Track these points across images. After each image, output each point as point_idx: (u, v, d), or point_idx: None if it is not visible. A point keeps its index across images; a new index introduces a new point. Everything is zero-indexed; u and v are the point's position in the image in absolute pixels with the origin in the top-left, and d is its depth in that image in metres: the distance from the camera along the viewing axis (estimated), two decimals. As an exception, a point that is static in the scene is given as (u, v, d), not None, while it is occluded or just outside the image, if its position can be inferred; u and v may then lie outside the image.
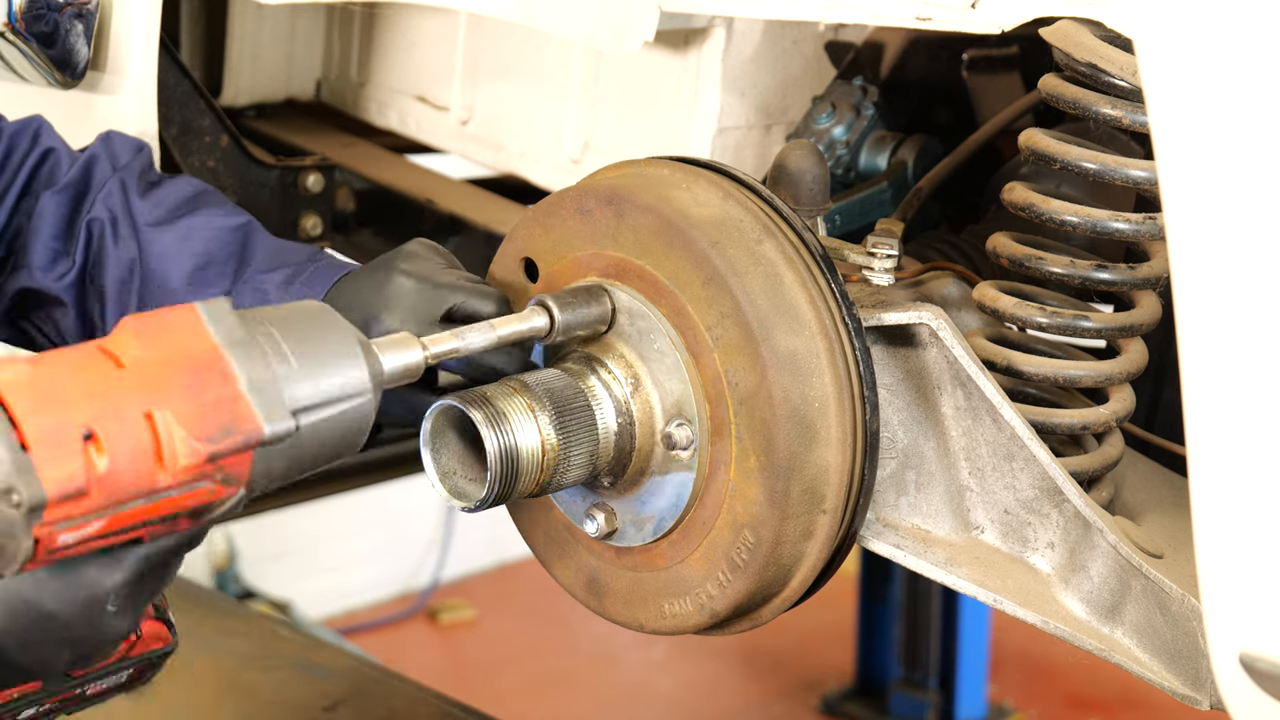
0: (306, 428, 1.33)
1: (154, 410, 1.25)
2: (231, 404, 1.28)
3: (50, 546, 1.22)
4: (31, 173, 1.91)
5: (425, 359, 1.47)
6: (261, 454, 1.31)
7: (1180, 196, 1.30)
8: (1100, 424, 1.74)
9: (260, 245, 1.85)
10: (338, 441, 1.37)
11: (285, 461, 1.33)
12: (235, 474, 1.29)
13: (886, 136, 2.18)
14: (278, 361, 1.33)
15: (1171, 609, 1.60)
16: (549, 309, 1.58)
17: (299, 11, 2.82)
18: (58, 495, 1.20)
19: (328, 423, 1.35)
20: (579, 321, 1.59)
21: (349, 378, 1.37)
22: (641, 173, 1.67)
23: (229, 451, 1.28)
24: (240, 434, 1.28)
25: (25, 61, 2.20)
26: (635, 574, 1.68)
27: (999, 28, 1.67)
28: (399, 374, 1.45)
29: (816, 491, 1.56)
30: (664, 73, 2.33)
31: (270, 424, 1.29)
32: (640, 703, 5.41)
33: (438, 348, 1.49)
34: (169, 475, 1.25)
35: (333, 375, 1.36)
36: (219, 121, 2.53)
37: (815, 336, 1.56)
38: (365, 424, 1.39)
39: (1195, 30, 1.27)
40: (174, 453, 1.25)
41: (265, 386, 1.30)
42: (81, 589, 1.31)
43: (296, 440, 1.33)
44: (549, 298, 1.58)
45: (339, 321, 1.40)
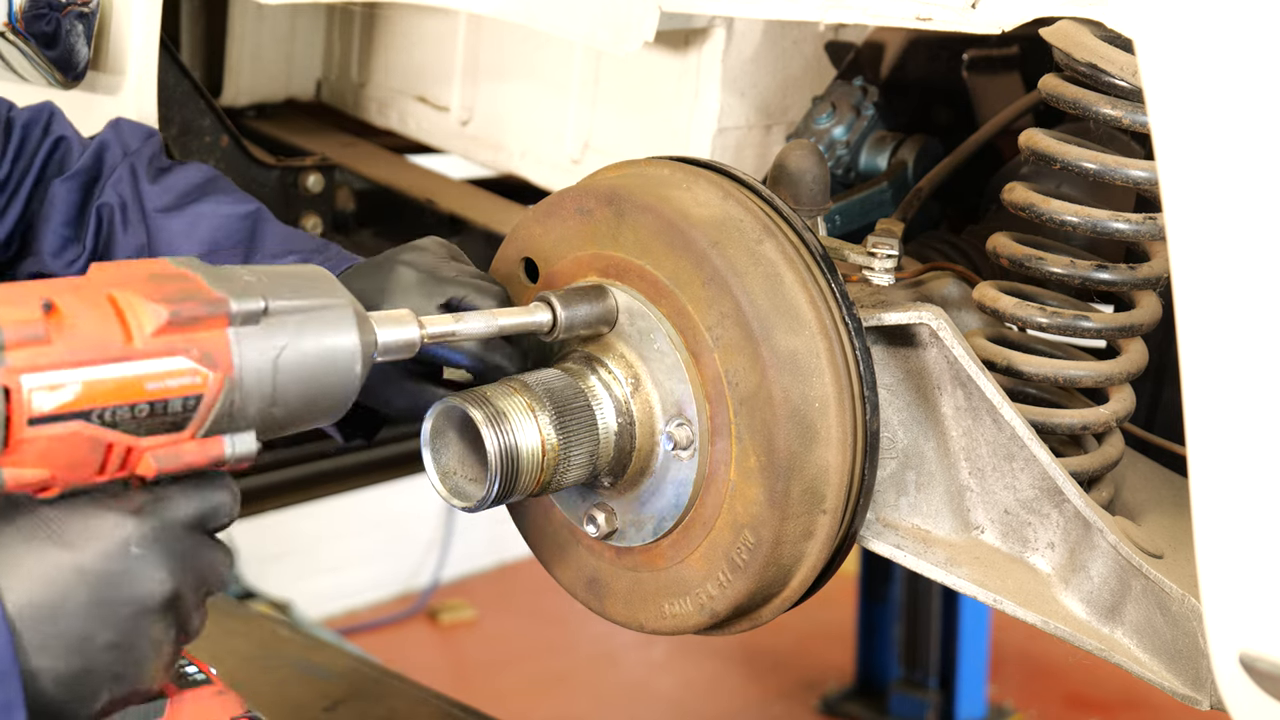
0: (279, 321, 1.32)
1: (114, 291, 1.27)
2: (194, 286, 1.30)
3: (27, 410, 1.20)
4: (44, 162, 1.92)
5: (422, 337, 1.47)
6: (237, 337, 1.29)
7: (1180, 196, 1.30)
8: (1100, 424, 1.74)
9: (269, 233, 1.86)
10: (322, 359, 1.34)
11: (269, 358, 1.31)
12: (213, 352, 1.28)
13: (886, 136, 2.18)
14: (246, 274, 1.34)
15: (1171, 609, 1.60)
16: (552, 305, 1.58)
17: (299, 11, 2.83)
18: (15, 336, 1.20)
19: (305, 326, 1.34)
20: (582, 319, 1.59)
21: (324, 295, 1.36)
22: (641, 173, 1.67)
23: (193, 315, 1.27)
24: (202, 300, 1.28)
25: (25, 61, 2.20)
26: (635, 574, 1.68)
27: (999, 28, 1.67)
28: (395, 346, 1.45)
29: (817, 491, 1.56)
30: (664, 73, 2.33)
31: (236, 299, 1.29)
32: (640, 703, 5.41)
33: (435, 328, 1.50)
34: (138, 340, 1.25)
35: (307, 291, 1.36)
36: (219, 121, 2.53)
37: (815, 336, 1.56)
38: (350, 350, 1.36)
39: (1195, 30, 1.27)
40: (137, 318, 1.25)
41: (229, 279, 1.32)
42: (104, 533, 1.28)
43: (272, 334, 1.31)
44: (553, 294, 1.58)
45: (331, 279, 1.40)
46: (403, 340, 1.45)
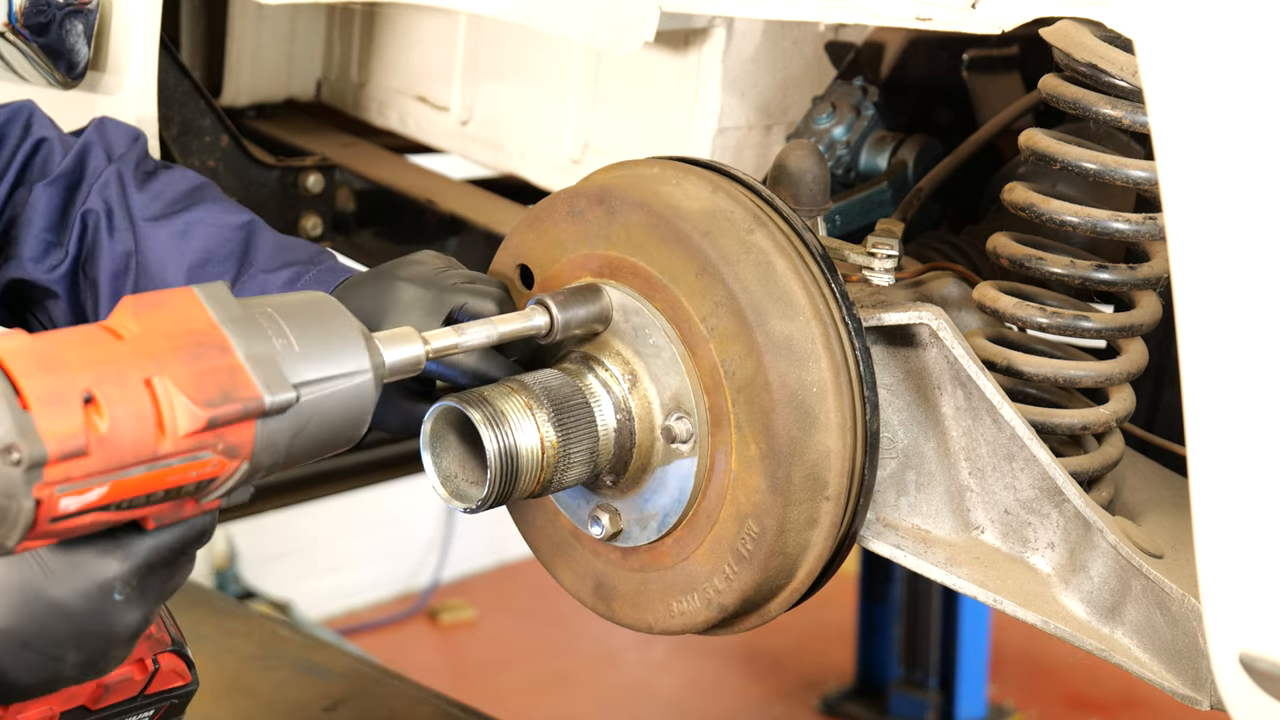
0: (307, 403, 1.33)
1: (153, 377, 1.26)
2: (230, 372, 1.29)
3: (53, 512, 1.21)
4: (24, 163, 1.89)
5: (426, 353, 1.48)
6: (263, 427, 1.31)
7: (1180, 196, 1.30)
8: (1100, 424, 1.74)
9: (263, 244, 1.83)
10: (339, 423, 1.37)
11: (287, 438, 1.33)
12: (237, 445, 1.29)
13: (886, 136, 2.18)
14: (277, 338, 1.33)
15: (1171, 609, 1.60)
16: (549, 307, 1.58)
17: (299, 11, 2.82)
18: (58, 453, 1.20)
19: (329, 400, 1.35)
20: (578, 319, 1.60)
21: (349, 358, 1.37)
22: (632, 172, 1.68)
23: (229, 418, 1.28)
24: (239, 401, 1.28)
25: (25, 61, 2.20)
26: (642, 574, 1.68)
27: (999, 28, 1.67)
28: (401, 366, 1.46)
29: (819, 477, 1.57)
30: (664, 73, 2.33)
31: (270, 393, 1.30)
32: (640, 703, 5.41)
33: (438, 342, 1.50)
34: (170, 442, 1.25)
35: (332, 355, 1.36)
36: (219, 121, 2.53)
37: (810, 322, 1.56)
38: (366, 409, 1.39)
39: (1195, 30, 1.27)
40: (174, 418, 1.26)
41: (264, 359, 1.31)
42: (89, 575, 1.30)
43: (298, 416, 1.33)
44: (548, 296, 1.59)
45: (340, 310, 1.40)
46: (408, 359, 1.46)
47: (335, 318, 1.39)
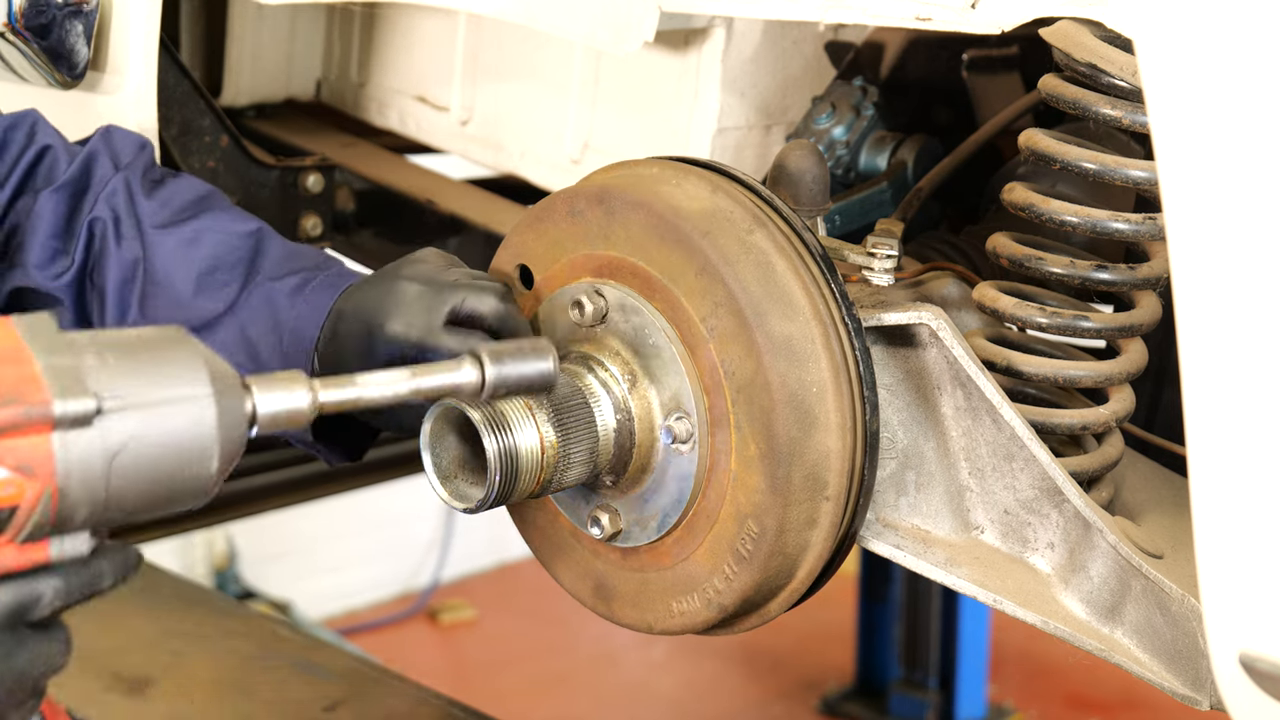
0: (118, 422, 1.19)
1: None
2: (21, 380, 1.17)
3: None
4: (28, 170, 1.88)
5: (315, 401, 1.27)
6: (63, 443, 1.17)
7: (1180, 196, 1.30)
8: (1100, 424, 1.74)
9: (271, 252, 1.83)
10: (170, 458, 1.21)
11: (101, 463, 1.18)
12: (32, 462, 1.16)
13: (886, 136, 2.18)
14: (91, 356, 1.20)
15: (1171, 609, 1.60)
16: (481, 362, 1.36)
17: (299, 11, 2.82)
18: None
19: (150, 425, 1.20)
20: (515, 378, 1.37)
21: (179, 382, 1.21)
22: (632, 172, 1.68)
23: (12, 423, 1.15)
24: (23, 403, 1.15)
25: (25, 61, 2.20)
26: (642, 575, 1.68)
27: (999, 28, 1.67)
28: (277, 417, 1.26)
29: (818, 477, 1.57)
30: (664, 73, 2.33)
31: (61, 398, 1.16)
32: (640, 703, 5.42)
33: (331, 394, 1.29)
34: None
35: (156, 375, 1.21)
36: (219, 121, 2.53)
37: (810, 322, 1.56)
38: (205, 444, 1.21)
39: (1195, 30, 1.27)
40: None
41: (64, 369, 1.17)
42: None
43: (107, 436, 1.18)
44: (485, 350, 1.37)
45: (186, 339, 1.25)
46: (287, 409, 1.26)
47: (176, 346, 1.24)
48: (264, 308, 1.76)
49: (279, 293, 1.76)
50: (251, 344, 1.75)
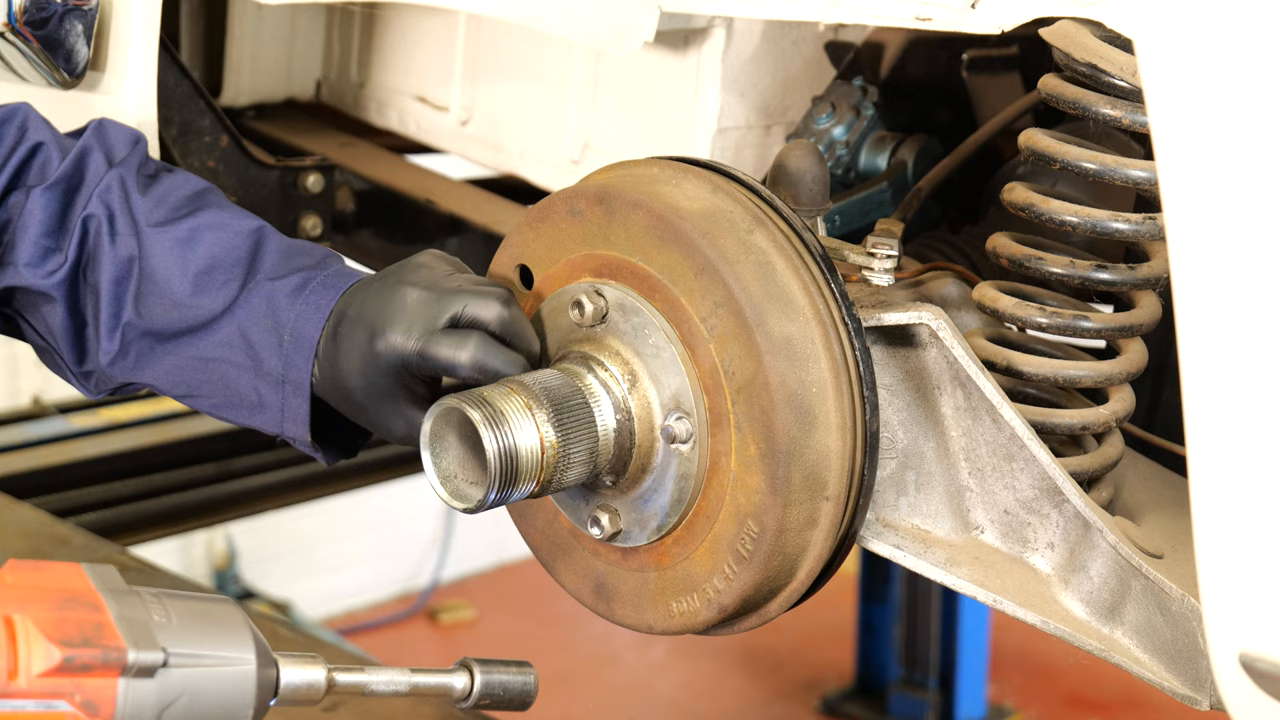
0: (177, 675, 1.31)
1: (15, 615, 1.26)
2: (97, 625, 1.29)
3: None
4: (19, 167, 1.85)
5: (329, 680, 1.45)
6: (127, 688, 1.28)
7: (1180, 196, 1.30)
8: (1100, 424, 1.74)
9: (270, 250, 1.81)
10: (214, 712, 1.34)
11: (154, 708, 1.30)
12: (97, 701, 1.27)
13: (886, 136, 2.18)
14: (156, 613, 1.33)
15: (1171, 609, 1.60)
16: (470, 672, 1.55)
17: (299, 11, 2.82)
18: None
19: (203, 681, 1.33)
20: (501, 689, 1.55)
21: (229, 645, 1.36)
22: (631, 172, 1.68)
23: (88, 664, 1.26)
24: (100, 648, 1.27)
25: (25, 61, 2.20)
26: (642, 575, 1.68)
27: (999, 28, 1.67)
28: (297, 690, 1.42)
29: (818, 477, 1.57)
30: (664, 73, 2.33)
31: (135, 648, 1.29)
32: (640, 703, 5.42)
33: (345, 679, 1.47)
34: (24, 678, 1.24)
35: (212, 637, 1.35)
36: (219, 121, 2.53)
37: (810, 322, 1.56)
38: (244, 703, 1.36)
39: (1194, 30, 1.27)
40: (29, 655, 1.25)
41: (136, 621, 1.31)
42: None
43: (165, 687, 1.30)
44: (475, 662, 1.55)
45: (235, 609, 1.39)
46: (305, 682, 1.43)
47: (227, 615, 1.38)
48: (264, 307, 1.75)
49: (279, 292, 1.75)
50: (251, 344, 1.75)
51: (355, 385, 1.67)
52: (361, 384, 1.67)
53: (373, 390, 1.67)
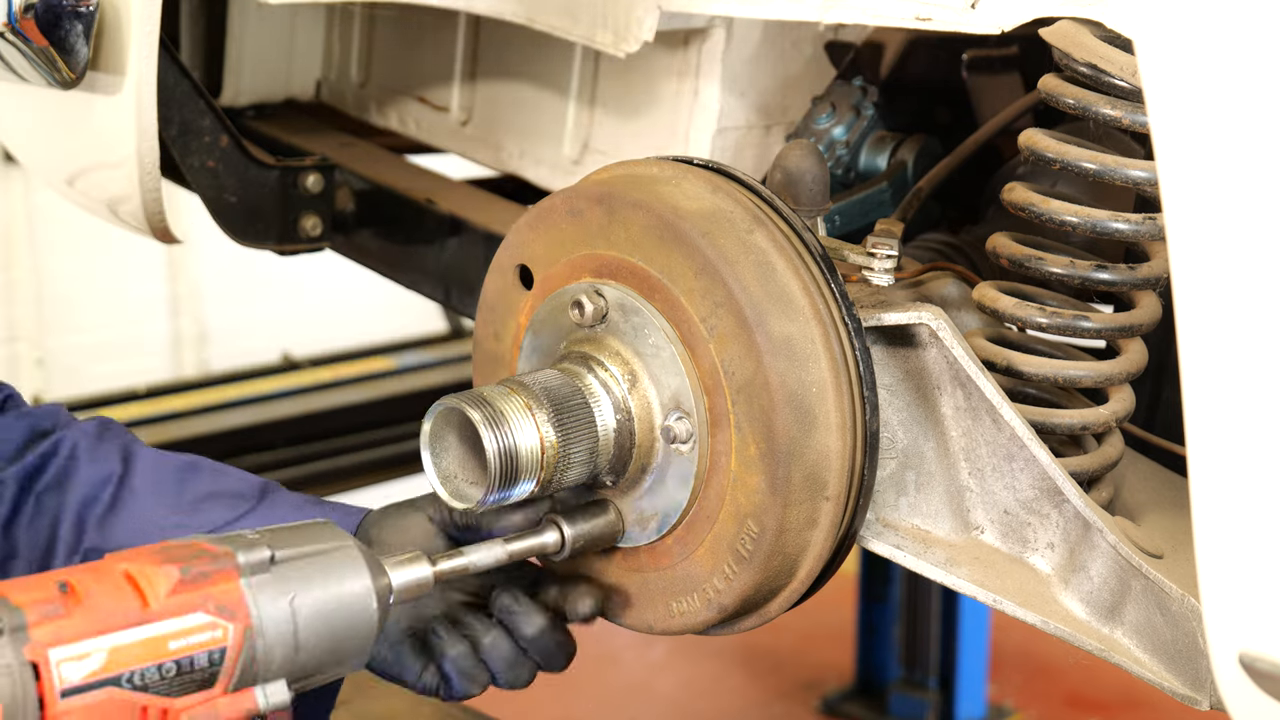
0: (289, 568, 1.38)
1: (127, 565, 1.34)
2: (199, 547, 1.37)
3: (57, 683, 1.25)
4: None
5: (434, 574, 1.53)
6: (250, 585, 1.35)
7: (1180, 196, 1.30)
8: (1100, 424, 1.74)
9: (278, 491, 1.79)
10: (340, 600, 1.41)
11: (285, 599, 1.37)
12: (229, 605, 1.33)
13: (886, 136, 2.18)
14: (249, 532, 1.41)
15: (1171, 609, 1.60)
16: (559, 525, 1.62)
17: (299, 11, 2.83)
18: (37, 614, 1.26)
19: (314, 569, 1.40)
20: (589, 533, 1.63)
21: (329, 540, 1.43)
22: (631, 172, 1.68)
23: (205, 572, 1.33)
24: (209, 555, 1.35)
25: (25, 61, 2.20)
26: (642, 575, 1.68)
27: (999, 28, 1.67)
28: (409, 588, 1.51)
29: (818, 477, 1.57)
30: (664, 73, 2.33)
31: (241, 551, 1.36)
32: (640, 703, 5.41)
33: (447, 564, 1.55)
34: (155, 600, 1.31)
35: (311, 538, 1.42)
36: (219, 121, 2.53)
37: (810, 322, 1.56)
38: (369, 616, 1.42)
39: (1195, 30, 1.27)
40: (152, 584, 1.32)
41: (232, 537, 1.38)
42: None
43: (284, 579, 1.37)
44: (559, 515, 1.62)
45: (336, 529, 1.45)
46: (416, 580, 1.51)
47: (326, 530, 1.45)
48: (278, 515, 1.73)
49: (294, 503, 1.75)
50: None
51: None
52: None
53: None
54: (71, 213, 3.03)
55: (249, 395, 4.31)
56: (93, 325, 5.49)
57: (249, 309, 5.73)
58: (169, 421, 4.17)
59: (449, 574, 1.55)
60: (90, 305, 5.49)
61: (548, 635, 1.66)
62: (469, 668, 1.65)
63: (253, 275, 5.44)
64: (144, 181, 2.38)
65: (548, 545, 1.62)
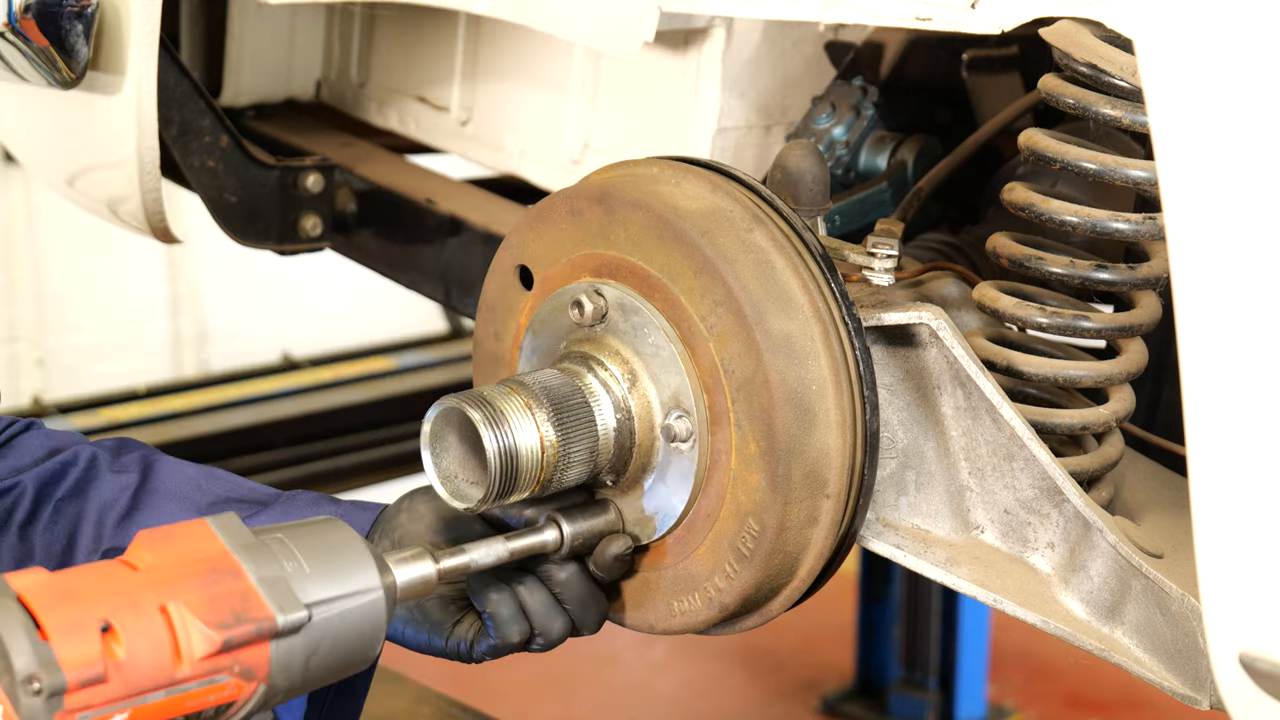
0: (319, 622, 1.39)
1: (168, 603, 1.32)
2: (243, 595, 1.35)
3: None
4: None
5: (437, 572, 1.53)
6: (278, 648, 1.35)
7: (1180, 196, 1.30)
8: (1100, 424, 1.74)
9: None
10: (353, 642, 1.42)
11: (303, 658, 1.38)
12: (253, 667, 1.34)
13: (886, 136, 2.18)
14: (287, 561, 1.39)
15: (1171, 609, 1.60)
16: (558, 523, 1.61)
17: (299, 11, 2.82)
18: (77, 680, 1.25)
19: (341, 619, 1.41)
20: (588, 531, 1.63)
21: (358, 577, 1.43)
22: (631, 172, 1.68)
23: (244, 640, 1.33)
24: (252, 621, 1.34)
25: (25, 61, 2.20)
26: (643, 574, 1.68)
27: (999, 28, 1.67)
28: (413, 586, 1.52)
29: (818, 475, 1.57)
30: (664, 73, 2.33)
31: (283, 613, 1.36)
32: (640, 703, 5.41)
33: (449, 562, 1.55)
34: (188, 666, 1.31)
35: (342, 575, 1.42)
36: (219, 121, 2.53)
37: (809, 320, 1.56)
38: (378, 627, 1.43)
39: (1195, 30, 1.27)
40: (190, 642, 1.31)
41: (275, 581, 1.37)
42: None
43: (311, 636, 1.38)
44: (558, 512, 1.62)
45: (350, 532, 1.45)
46: (420, 578, 1.52)
47: (345, 540, 1.45)
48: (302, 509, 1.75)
49: (310, 499, 1.76)
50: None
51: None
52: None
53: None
54: (71, 213, 3.03)
55: (249, 395, 4.31)
56: (93, 325, 5.49)
57: (249, 309, 5.73)
58: (169, 421, 4.17)
59: (451, 572, 1.55)
60: (90, 305, 5.49)
61: (581, 581, 1.65)
62: (509, 614, 1.62)
63: (253, 275, 5.44)
64: (144, 181, 2.38)
65: (548, 543, 1.62)
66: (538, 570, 1.64)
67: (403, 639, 1.68)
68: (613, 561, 1.64)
